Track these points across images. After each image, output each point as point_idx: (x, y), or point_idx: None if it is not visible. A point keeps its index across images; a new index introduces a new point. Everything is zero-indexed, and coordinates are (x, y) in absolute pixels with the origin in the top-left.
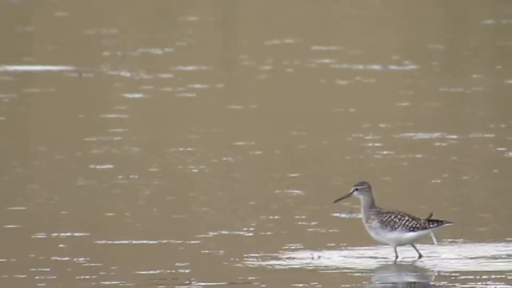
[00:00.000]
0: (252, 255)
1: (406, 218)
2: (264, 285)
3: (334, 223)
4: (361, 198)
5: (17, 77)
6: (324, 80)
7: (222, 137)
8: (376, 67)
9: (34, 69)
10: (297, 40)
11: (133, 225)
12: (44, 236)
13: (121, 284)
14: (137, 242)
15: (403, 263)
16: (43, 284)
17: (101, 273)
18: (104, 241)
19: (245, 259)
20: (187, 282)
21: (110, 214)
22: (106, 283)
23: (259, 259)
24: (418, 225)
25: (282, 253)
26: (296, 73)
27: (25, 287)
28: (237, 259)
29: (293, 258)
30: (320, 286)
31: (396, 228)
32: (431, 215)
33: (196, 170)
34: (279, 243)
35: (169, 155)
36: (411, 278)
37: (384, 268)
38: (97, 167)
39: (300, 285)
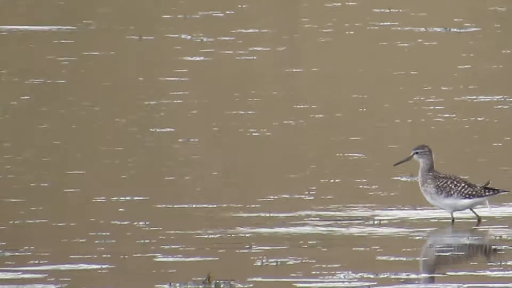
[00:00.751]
0: (313, 219)
1: (462, 184)
2: (325, 249)
3: (395, 185)
4: (421, 161)
5: (77, 39)
6: (386, 42)
7: (283, 100)
8: (437, 29)
9: (94, 30)
10: (358, 2)
11: (193, 189)
12: (104, 200)
13: (181, 248)
14: (197, 206)
15: (460, 226)
16: (102, 248)
17: (160, 237)
18: (163, 205)
19: (306, 222)
20: (248, 246)
21: (170, 178)
22: (166, 247)
23: (320, 223)
24: (474, 192)
25: (342, 216)
26: (357, 36)
27: (85, 251)
28: (298, 223)
29: (353, 222)
30: (381, 250)
31: (451, 194)
32: (488, 182)
33: (257, 134)
34: (340, 206)
35: (230, 118)
36: (468, 241)
37: (441, 231)
38: (157, 130)
39: (361, 248)
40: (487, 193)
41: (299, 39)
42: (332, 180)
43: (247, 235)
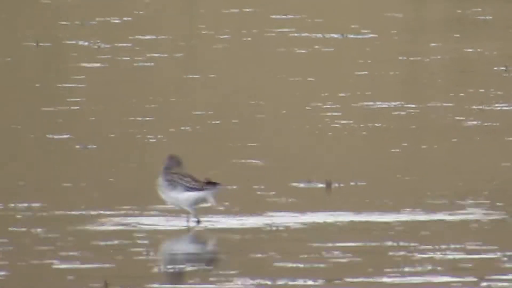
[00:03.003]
0: (210, 225)
1: (187, 179)
2: (222, 256)
3: (293, 192)
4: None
5: None
6: (283, 48)
7: (180, 107)
8: (334, 35)
9: None
10: (255, 8)
11: (90, 195)
12: (1, 207)
13: (78, 255)
14: (94, 212)
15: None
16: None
17: (58, 243)
18: (61, 212)
19: (203, 229)
20: (145, 252)
21: (67, 184)
22: (63, 254)
23: (216, 230)
24: (196, 186)
25: (240, 223)
26: (254, 42)
27: None
28: (195, 229)
29: (250, 228)
30: (278, 256)
31: (175, 188)
32: (207, 178)
33: (154, 140)
34: (237, 212)
35: (127, 125)
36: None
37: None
38: (55, 137)
39: (258, 255)
40: (205, 187)
41: (196, 46)
42: (229, 187)
43: (145, 241)
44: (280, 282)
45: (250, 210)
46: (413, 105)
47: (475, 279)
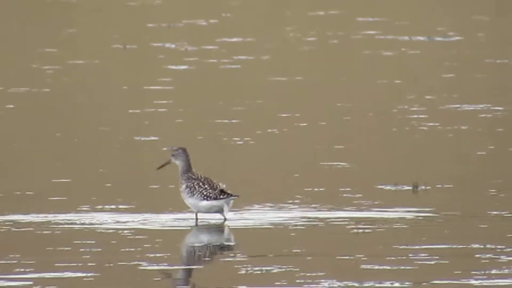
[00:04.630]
0: (298, 226)
1: (205, 186)
2: (309, 257)
3: (379, 194)
4: (177, 163)
5: (61, 48)
6: (369, 51)
7: (267, 109)
8: (421, 38)
9: (78, 40)
10: (342, 11)
11: (178, 197)
12: (88, 208)
13: (166, 256)
14: (180, 215)
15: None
16: (87, 256)
17: (145, 245)
18: (149, 213)
19: (291, 230)
20: (232, 254)
21: (155, 186)
22: (151, 255)
23: (305, 231)
24: (211, 195)
25: (328, 225)
26: (340, 45)
27: (70, 259)
28: (283, 230)
29: (335, 231)
30: (365, 258)
31: (193, 195)
32: (220, 188)
33: (240, 142)
34: (324, 215)
35: (214, 127)
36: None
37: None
38: (142, 139)
39: (345, 257)
40: (221, 197)
41: (283, 48)
42: (316, 189)
43: (231, 243)
44: (366, 284)
45: (337, 212)
46: (500, 108)
47: None
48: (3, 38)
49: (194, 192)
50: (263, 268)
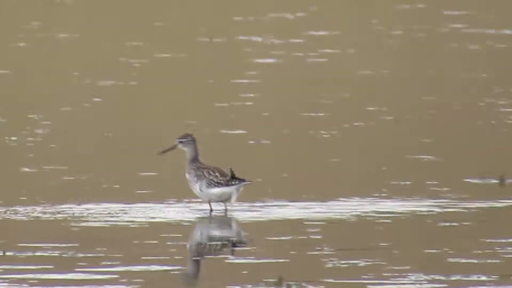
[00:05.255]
0: (384, 220)
1: (215, 174)
2: (396, 251)
3: (466, 187)
4: (186, 150)
5: (148, 42)
6: (456, 44)
7: (353, 103)
8: (507, 31)
9: (165, 33)
10: (428, 4)
11: (265, 189)
12: (173, 202)
13: (253, 250)
14: (267, 204)
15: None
16: (174, 250)
17: (232, 238)
18: (235, 206)
19: (377, 223)
20: (319, 247)
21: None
22: (237, 249)
23: (392, 224)
24: (222, 181)
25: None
26: (426, 38)
27: (157, 252)
28: (369, 223)
29: (423, 224)
30: (452, 252)
31: (203, 183)
32: (232, 171)
33: (327, 136)
34: (411, 207)
35: (301, 120)
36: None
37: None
38: (229, 132)
39: (432, 250)
40: (233, 183)
41: (369, 42)
42: (402, 182)
43: (318, 236)
44: (453, 278)
45: (423, 206)
46: None
47: None
48: (91, 31)
49: (204, 180)
50: (350, 261)
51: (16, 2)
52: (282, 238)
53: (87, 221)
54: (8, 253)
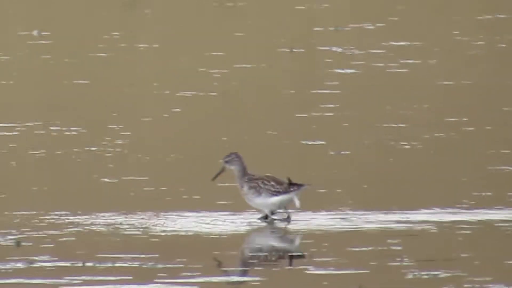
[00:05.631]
0: (465, 231)
1: (271, 183)
2: (476, 262)
3: None
4: (233, 168)
5: (228, 52)
6: None
7: (433, 113)
8: None
9: (245, 43)
10: (510, 15)
11: (345, 201)
12: (248, 214)
13: (333, 261)
14: (350, 213)
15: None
16: (254, 261)
17: (311, 249)
18: (316, 215)
19: (458, 233)
20: (399, 259)
21: (323, 190)
22: (318, 260)
23: (473, 235)
24: (280, 190)
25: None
26: (509, 48)
27: (237, 263)
28: (451, 235)
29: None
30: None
31: (260, 193)
32: (289, 179)
33: (408, 147)
34: (491, 219)
35: (381, 131)
36: (280, 242)
37: (256, 231)
38: (309, 143)
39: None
40: (291, 189)
41: (450, 52)
42: (483, 193)
43: (398, 247)
44: None
45: (505, 216)
46: None
47: None
48: (171, 41)
49: (261, 191)
50: (430, 272)
51: (97, 12)
52: (363, 248)
53: (167, 231)
54: (87, 264)
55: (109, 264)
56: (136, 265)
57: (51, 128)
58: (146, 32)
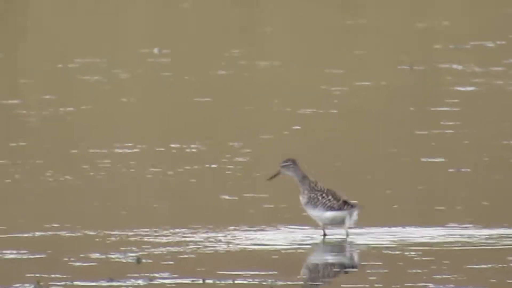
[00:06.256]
0: None
1: (328, 197)
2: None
3: None
4: (290, 174)
5: (348, 69)
6: None
7: None
8: None
9: (365, 61)
10: None
11: (461, 216)
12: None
13: (452, 278)
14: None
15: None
16: (374, 278)
17: (432, 267)
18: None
19: None
20: None
21: (441, 207)
22: (438, 277)
23: None
24: (335, 205)
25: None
26: None
27: (356, 279)
28: None
29: None
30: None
31: (317, 206)
32: (343, 199)
33: None
34: None
35: (501, 148)
36: (333, 258)
37: (311, 246)
38: (429, 160)
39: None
40: (345, 207)
41: None
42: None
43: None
44: None
45: None
46: None
47: None
48: (291, 59)
49: (318, 204)
50: None
51: (217, 30)
52: (482, 266)
53: (287, 247)
54: (208, 281)
55: (229, 281)
56: (256, 282)
57: (171, 145)
58: (266, 49)
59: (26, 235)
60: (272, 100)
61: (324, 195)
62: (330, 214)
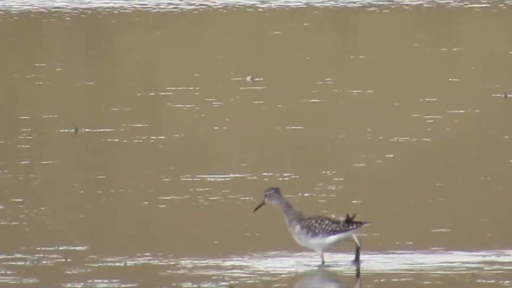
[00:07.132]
0: None
1: (326, 222)
2: None
3: None
4: (273, 203)
5: (442, 97)
6: None
7: None
8: None
9: (460, 88)
10: None
11: None
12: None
13: None
14: None
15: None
16: None
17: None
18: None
19: None
20: None
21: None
22: None
23: None
24: (338, 228)
25: None
26: None
27: None
28: None
29: None
30: None
31: (317, 233)
32: (347, 216)
33: None
34: None
35: None
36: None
37: (308, 274)
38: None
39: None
40: (350, 227)
41: None
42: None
43: None
44: None
45: None
46: None
47: None
48: (385, 87)
49: (317, 231)
50: None
51: (311, 59)
52: None
53: (379, 273)
54: None
55: None
56: None
57: (264, 173)
58: (359, 77)
59: (117, 264)
60: (365, 128)
61: (319, 221)
62: (334, 237)
